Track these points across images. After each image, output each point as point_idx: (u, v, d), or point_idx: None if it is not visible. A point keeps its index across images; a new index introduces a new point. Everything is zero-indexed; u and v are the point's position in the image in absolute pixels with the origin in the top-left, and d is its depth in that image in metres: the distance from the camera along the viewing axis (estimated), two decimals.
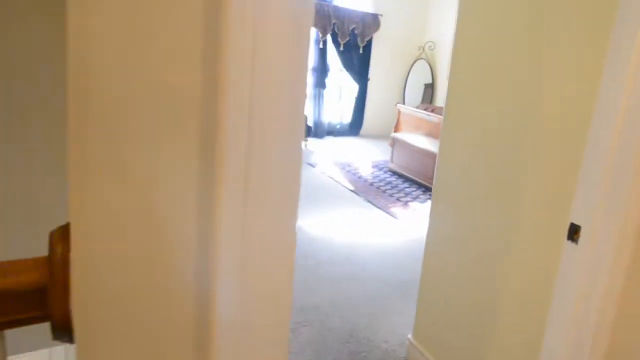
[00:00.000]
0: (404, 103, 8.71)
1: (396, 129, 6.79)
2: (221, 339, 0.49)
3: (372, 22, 8.10)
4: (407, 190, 5.33)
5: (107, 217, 0.49)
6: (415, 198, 5.06)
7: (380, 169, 6.25)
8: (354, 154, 7.12)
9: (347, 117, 8.59)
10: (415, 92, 8.80)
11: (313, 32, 7.72)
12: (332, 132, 8.46)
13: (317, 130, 8.10)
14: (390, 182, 5.60)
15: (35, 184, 1.81)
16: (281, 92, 0.48)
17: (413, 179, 5.62)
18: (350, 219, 4.36)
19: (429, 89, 8.61)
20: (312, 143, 7.56)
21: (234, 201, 0.46)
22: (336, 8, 7.74)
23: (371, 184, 5.47)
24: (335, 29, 7.76)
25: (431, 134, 5.99)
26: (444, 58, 8.18)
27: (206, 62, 0.42)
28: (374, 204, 4.75)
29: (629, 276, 1.40)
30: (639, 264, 1.40)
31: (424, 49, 8.55)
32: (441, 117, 5.48)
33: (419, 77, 8.68)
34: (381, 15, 8.17)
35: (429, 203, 4.81)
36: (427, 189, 5.29)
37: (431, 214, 2.32)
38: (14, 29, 1.67)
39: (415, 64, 8.68)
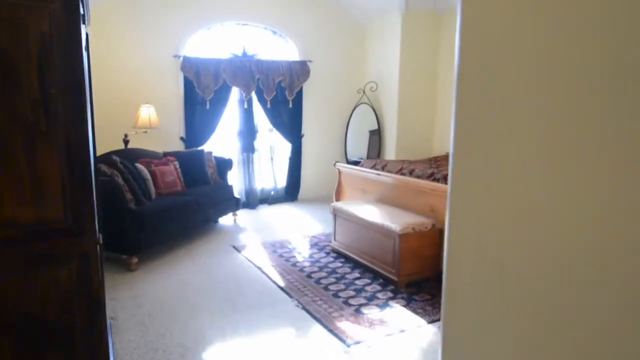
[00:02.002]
0: (346, 157, 7.62)
1: (338, 196, 5.61)
2: None
3: (301, 70, 7.02)
4: (358, 284, 4.01)
5: None
6: (371, 299, 3.70)
7: (321, 249, 4.97)
8: (290, 227, 5.87)
9: (281, 181, 7.39)
10: (359, 142, 7.71)
11: (236, 93, 6.64)
12: (266, 199, 7.22)
13: (248, 200, 6.84)
14: (334, 271, 4.31)
15: None
16: None
17: (365, 265, 4.35)
18: (273, 351, 3.00)
19: (376, 137, 7.53)
20: (242, 216, 6.29)
21: None
22: (259, 62, 6.67)
23: (309, 276, 4.15)
24: (260, 85, 6.66)
25: (384, 199, 4.84)
26: (391, 98, 7.18)
27: None
28: (311, 314, 3.39)
29: None
30: None
31: (364, 92, 7.51)
32: (396, 175, 4.31)
33: (362, 125, 7.60)
34: (310, 61, 7.12)
35: (395, 309, 3.59)
36: (386, 282, 4.05)
37: None
38: None
39: (356, 110, 7.63)
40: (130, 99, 6.04)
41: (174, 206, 4.88)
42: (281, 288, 3.90)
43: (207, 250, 4.94)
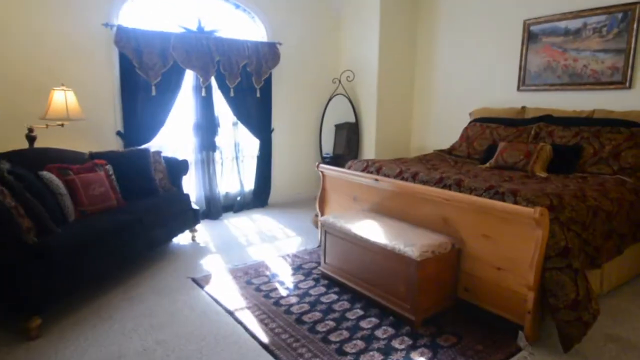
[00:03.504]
0: (321, 154, 6.68)
1: (322, 204, 4.65)
2: None
3: (269, 53, 5.99)
4: (364, 327, 3.06)
5: None
6: (387, 353, 2.74)
7: (307, 274, 3.98)
8: (264, 244, 4.83)
9: (249, 184, 6.34)
10: (336, 136, 6.84)
11: (191, 77, 5.51)
12: (232, 206, 6.16)
13: (209, 209, 5.77)
14: (330, 308, 3.33)
15: None
16: None
17: (367, 296, 3.44)
18: None
19: (353, 131, 6.66)
20: (202, 231, 5.19)
21: None
22: (220, 40, 5.55)
23: (299, 320, 3.15)
24: (221, 69, 5.58)
25: (383, 210, 3.91)
26: (369, 88, 6.32)
27: None
28: None
29: None
30: None
31: (340, 81, 6.60)
32: (398, 182, 2.92)
33: (339, 117, 6.71)
34: (280, 43, 6.10)
35: None
36: (398, 320, 3.15)
37: None
38: None
39: (332, 102, 6.70)
40: (39, 81, 4.52)
41: (104, 230, 3.49)
42: (265, 347, 2.83)
43: (156, 290, 3.66)
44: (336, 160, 6.79)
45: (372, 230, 3.42)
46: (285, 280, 3.88)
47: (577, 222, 3.00)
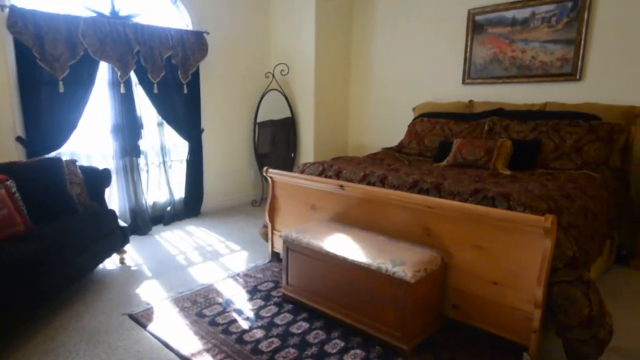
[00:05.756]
0: (256, 153, 6.07)
1: (272, 214, 4.05)
2: None
3: (196, 43, 5.22)
4: None
5: None
6: None
7: (267, 298, 3.36)
8: (207, 262, 4.11)
9: (179, 192, 5.54)
10: (259, 134, 6.25)
11: (106, 70, 4.60)
12: (161, 217, 5.32)
13: (136, 223, 4.90)
14: (305, 341, 2.76)
15: None
16: None
17: (344, 322, 2.92)
18: None
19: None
20: (132, 251, 4.35)
21: None
22: (139, 27, 4.66)
23: None
24: (142, 61, 4.72)
25: (350, 220, 3.38)
26: (305, 82, 5.77)
27: None
28: None
29: None
30: None
31: (273, 75, 5.99)
32: (367, 187, 2.70)
33: (273, 114, 6.10)
34: (207, 32, 5.35)
35: None
36: (385, 349, 2.65)
37: None
38: None
39: (266, 97, 6.07)
40: None
41: (10, 265, 2.63)
42: None
43: (85, 335, 2.82)
44: (261, 159, 6.24)
45: (347, 246, 2.90)
46: (242, 307, 3.23)
47: (575, 227, 2.67)
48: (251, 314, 3.12)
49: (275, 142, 6.20)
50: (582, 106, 4.14)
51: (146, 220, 5.00)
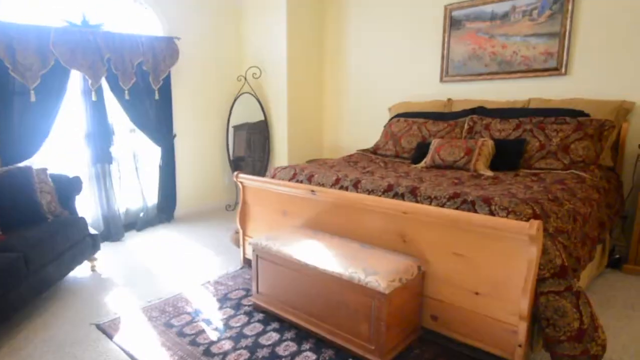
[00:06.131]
0: (229, 158, 5.79)
1: (243, 220, 3.77)
2: None
3: (167, 49, 4.98)
4: None
5: None
6: None
7: (237, 307, 3.09)
8: (178, 269, 3.84)
9: (152, 198, 5.28)
10: (235, 138, 5.98)
11: (78, 79, 4.37)
12: (134, 223, 5.08)
13: (109, 230, 4.66)
14: (275, 353, 2.48)
15: None
16: None
17: (316, 333, 2.66)
18: None
19: (255, 131, 5.83)
20: (103, 257, 4.10)
21: None
22: (109, 36, 4.46)
23: None
24: (113, 69, 4.50)
25: (323, 226, 3.12)
26: (278, 85, 5.52)
27: None
28: None
29: None
30: None
31: (245, 79, 5.74)
32: (340, 192, 2.56)
33: (246, 118, 5.85)
34: (177, 38, 5.11)
35: None
36: None
37: None
38: None
39: (238, 101, 5.81)
40: None
41: None
42: None
43: (52, 345, 2.66)
44: (237, 163, 6.01)
45: (318, 253, 2.64)
46: (212, 317, 2.98)
47: (563, 232, 2.42)
48: (220, 324, 2.88)
49: (252, 146, 5.95)
50: (568, 102, 3.88)
51: (119, 227, 4.76)
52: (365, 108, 5.65)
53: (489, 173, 3.47)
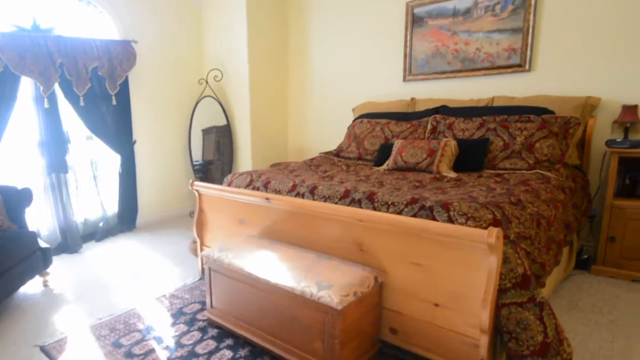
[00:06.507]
0: (192, 163, 5.56)
1: (200, 229, 3.55)
2: None
3: (123, 53, 4.72)
4: None
5: None
6: None
7: (191, 322, 2.86)
8: (134, 283, 3.59)
9: (112, 207, 5.01)
10: (204, 141, 5.72)
11: (29, 85, 4.10)
12: (94, 234, 4.79)
13: (66, 241, 4.38)
14: None
15: None
16: None
17: (271, 352, 2.45)
18: None
19: (222, 134, 5.59)
20: (58, 270, 3.84)
21: None
22: (61, 40, 4.19)
23: None
24: (66, 74, 4.24)
25: (278, 235, 2.93)
26: (240, 88, 5.29)
27: None
28: None
29: None
30: None
31: (207, 82, 5.50)
32: (295, 200, 2.39)
33: (209, 121, 5.61)
34: (135, 41, 4.85)
35: None
36: None
37: None
38: None
39: (200, 105, 5.57)
40: None
41: None
42: None
43: None
44: (207, 166, 5.77)
45: (271, 266, 2.44)
46: (163, 334, 2.76)
47: (526, 238, 2.25)
48: (172, 342, 2.66)
49: (221, 149, 5.71)
50: (533, 99, 3.74)
51: (76, 238, 4.48)
52: (330, 109, 5.46)
53: (452, 175, 3.31)
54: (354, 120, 4.71)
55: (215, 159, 5.75)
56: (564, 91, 3.75)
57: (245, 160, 5.54)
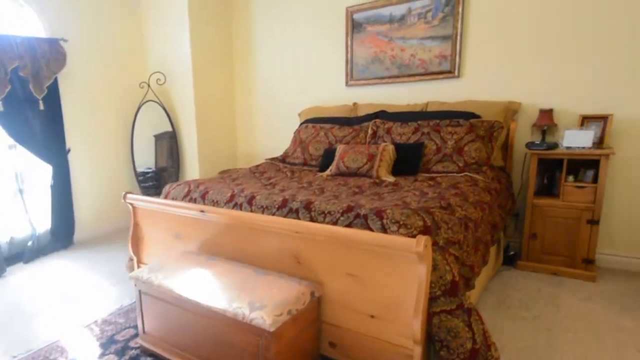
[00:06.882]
0: (135, 171, 5.33)
1: (135, 245, 3.36)
2: None
3: (50, 53, 4.40)
4: None
5: None
6: None
7: (122, 351, 2.67)
8: (62, 309, 3.31)
9: (44, 223, 4.64)
10: (149, 149, 5.50)
11: None
12: (21, 255, 4.39)
13: None
14: None
15: None
16: None
17: None
18: None
19: (170, 141, 5.40)
20: None
21: None
22: None
23: None
24: None
25: (215, 249, 2.83)
26: (185, 91, 5.12)
27: None
28: None
29: None
30: None
31: (149, 85, 5.29)
32: (232, 212, 2.31)
33: (154, 127, 5.38)
34: (64, 40, 4.55)
35: None
36: None
37: None
38: None
39: (142, 109, 5.32)
40: None
41: None
42: None
43: None
44: (160, 174, 5.53)
45: (203, 286, 2.34)
46: None
47: (455, 243, 2.27)
48: None
49: (174, 155, 5.47)
50: (462, 104, 3.82)
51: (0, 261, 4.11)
52: (277, 114, 5.39)
53: (391, 179, 3.32)
54: (299, 125, 4.66)
55: (169, 166, 5.52)
56: (489, 96, 3.87)
57: (192, 167, 5.37)
